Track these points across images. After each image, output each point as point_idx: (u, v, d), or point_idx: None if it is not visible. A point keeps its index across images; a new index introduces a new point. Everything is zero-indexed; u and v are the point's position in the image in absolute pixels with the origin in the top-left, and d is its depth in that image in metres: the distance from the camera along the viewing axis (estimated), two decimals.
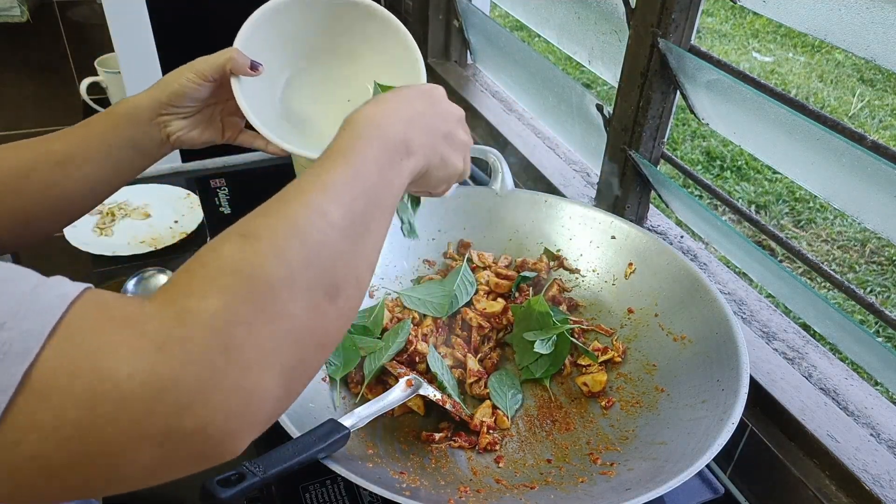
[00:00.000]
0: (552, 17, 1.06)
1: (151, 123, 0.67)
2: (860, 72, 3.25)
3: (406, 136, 0.50)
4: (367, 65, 0.79)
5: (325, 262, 0.41)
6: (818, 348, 0.80)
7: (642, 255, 0.84)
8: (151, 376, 0.34)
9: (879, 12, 0.59)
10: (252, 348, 0.37)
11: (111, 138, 0.65)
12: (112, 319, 0.35)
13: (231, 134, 0.74)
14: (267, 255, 0.39)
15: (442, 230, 0.91)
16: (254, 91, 0.70)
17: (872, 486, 0.64)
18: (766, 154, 0.76)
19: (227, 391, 0.36)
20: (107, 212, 1.18)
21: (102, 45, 1.41)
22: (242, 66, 0.67)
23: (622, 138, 0.92)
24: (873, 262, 2.25)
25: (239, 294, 0.37)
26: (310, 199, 0.43)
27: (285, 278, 0.39)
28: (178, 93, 0.66)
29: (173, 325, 0.35)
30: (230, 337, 0.36)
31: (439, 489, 0.64)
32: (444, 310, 0.81)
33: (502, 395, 0.76)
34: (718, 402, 0.65)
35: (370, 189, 0.46)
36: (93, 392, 0.33)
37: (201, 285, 0.38)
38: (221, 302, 0.37)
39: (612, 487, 0.63)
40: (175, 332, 0.35)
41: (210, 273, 0.38)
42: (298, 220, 0.42)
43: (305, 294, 0.40)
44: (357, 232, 0.44)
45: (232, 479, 0.53)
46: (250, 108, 0.68)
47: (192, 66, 0.67)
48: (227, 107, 0.72)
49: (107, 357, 0.34)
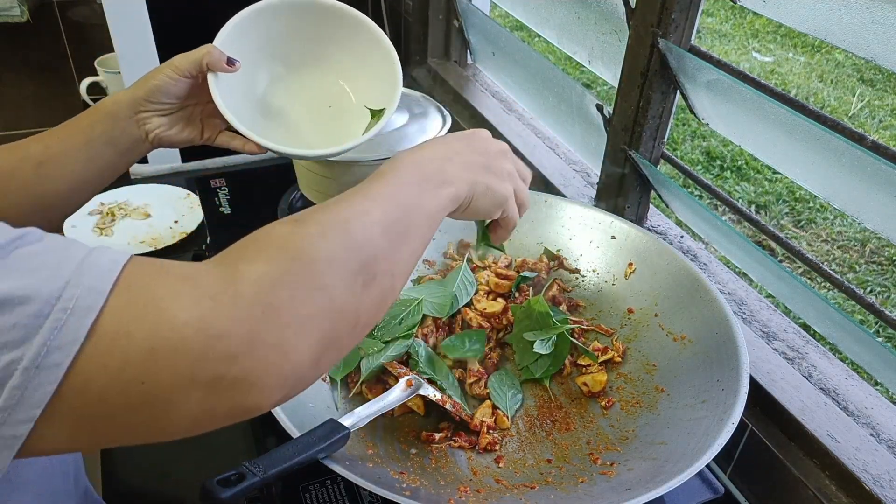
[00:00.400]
0: (552, 17, 1.06)
1: (130, 120, 0.67)
2: (860, 72, 3.25)
3: (442, 169, 0.54)
4: (345, 69, 0.80)
5: (364, 250, 0.45)
6: (818, 348, 0.80)
7: (642, 255, 0.84)
8: (206, 324, 0.37)
9: (879, 12, 0.59)
10: (292, 312, 0.41)
11: (90, 136, 0.66)
12: (168, 274, 0.39)
13: (210, 134, 0.75)
14: (313, 237, 0.44)
15: (442, 230, 0.91)
16: (231, 89, 0.70)
17: (872, 486, 0.64)
18: (766, 154, 0.76)
19: (268, 346, 0.39)
20: (107, 212, 1.18)
21: (102, 45, 1.41)
22: (219, 62, 0.68)
23: (622, 138, 0.92)
24: (873, 262, 2.25)
25: (283, 264, 0.42)
26: (353, 202, 0.48)
27: (326, 257, 0.43)
28: (157, 89, 0.67)
29: (225, 282, 0.39)
30: (274, 297, 0.40)
31: (439, 489, 0.64)
32: (444, 310, 0.81)
33: (502, 395, 0.76)
34: (718, 402, 0.65)
35: (407, 204, 0.50)
36: (154, 336, 0.36)
37: (252, 253, 0.42)
38: (268, 267, 0.41)
39: (612, 487, 0.63)
40: (226, 288, 0.39)
41: (260, 245, 0.43)
42: (342, 214, 0.47)
43: (343, 274, 0.44)
44: (395, 232, 0.48)
45: (232, 479, 0.53)
46: (224, 104, 0.68)
47: (169, 63, 0.68)
48: (208, 108, 0.72)
49: (167, 304, 0.37)
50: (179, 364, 0.37)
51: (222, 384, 0.38)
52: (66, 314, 0.34)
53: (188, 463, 0.75)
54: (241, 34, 0.73)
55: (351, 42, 0.79)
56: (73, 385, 0.35)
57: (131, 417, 0.37)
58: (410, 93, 0.98)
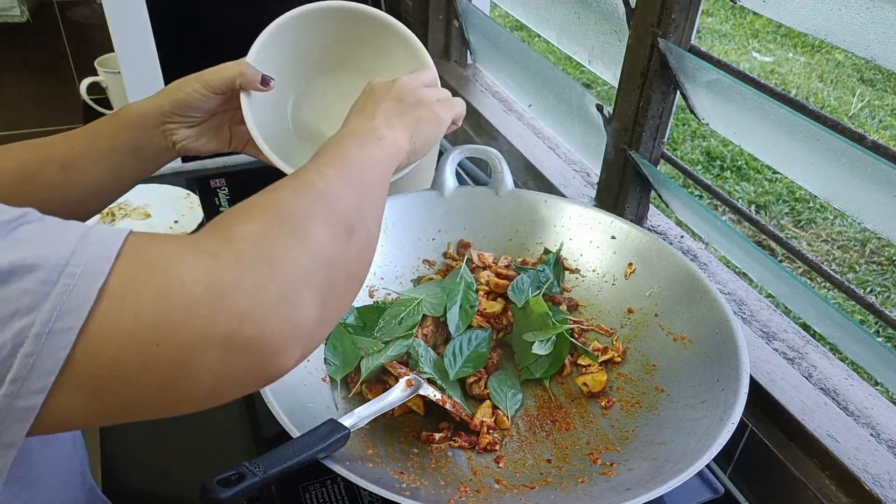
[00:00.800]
0: (552, 17, 1.06)
1: (157, 131, 0.66)
2: (860, 72, 3.25)
3: (373, 126, 0.59)
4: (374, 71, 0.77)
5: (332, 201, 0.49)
6: (818, 348, 0.80)
7: (642, 255, 0.84)
8: (213, 280, 0.38)
9: (879, 12, 0.59)
10: (290, 262, 0.42)
11: (114, 143, 0.65)
12: (168, 241, 0.40)
13: (238, 143, 0.73)
14: (287, 197, 0.47)
15: (442, 230, 0.91)
16: (263, 106, 0.68)
17: (872, 486, 0.64)
18: (766, 154, 0.76)
19: (275, 299, 0.40)
20: (107, 212, 1.18)
21: (102, 45, 1.41)
22: (253, 82, 0.66)
23: (622, 138, 0.92)
24: (873, 262, 2.25)
25: (271, 221, 0.44)
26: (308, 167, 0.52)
27: (305, 210, 0.46)
28: (184, 103, 0.66)
29: (224, 241, 0.41)
30: (271, 250, 0.42)
31: (439, 489, 0.64)
32: (444, 310, 0.81)
33: (502, 395, 0.76)
34: (718, 402, 0.65)
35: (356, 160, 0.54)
36: (164, 295, 0.37)
37: (240, 217, 0.44)
38: (260, 225, 0.43)
39: (612, 487, 0.63)
40: (226, 246, 0.41)
41: (245, 210, 0.45)
42: (305, 176, 0.50)
43: (324, 224, 0.46)
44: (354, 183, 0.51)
45: (232, 479, 0.53)
46: (256, 126, 0.66)
47: (200, 78, 0.66)
48: (236, 115, 0.70)
49: (173, 263, 0.38)
50: (192, 322, 0.37)
51: (237, 342, 0.38)
52: (74, 279, 0.35)
53: (188, 463, 0.75)
54: (273, 48, 0.69)
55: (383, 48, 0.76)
56: (86, 349, 0.35)
57: (148, 382, 0.37)
58: None
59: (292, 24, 0.71)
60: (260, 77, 0.66)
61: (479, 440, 0.71)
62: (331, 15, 0.73)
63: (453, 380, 0.75)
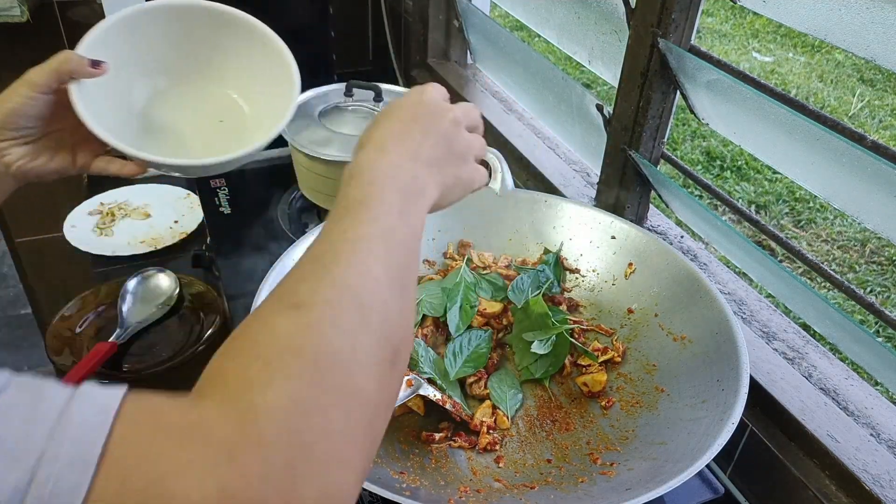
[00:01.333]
0: (552, 17, 1.06)
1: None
2: (860, 72, 3.25)
3: (415, 174, 0.46)
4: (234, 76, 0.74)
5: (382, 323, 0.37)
6: (818, 348, 0.80)
7: (642, 255, 0.84)
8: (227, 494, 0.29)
9: (879, 12, 0.59)
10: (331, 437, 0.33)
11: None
12: (168, 430, 0.30)
13: (84, 161, 0.66)
14: (326, 326, 0.35)
15: (442, 230, 0.91)
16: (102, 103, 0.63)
17: (872, 486, 0.64)
18: (766, 154, 0.76)
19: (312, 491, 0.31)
20: (107, 212, 1.19)
21: None
22: (80, 66, 0.59)
23: (622, 138, 0.92)
24: (873, 262, 2.25)
25: (305, 377, 0.33)
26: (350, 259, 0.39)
27: (350, 349, 0.35)
28: (13, 112, 0.59)
29: (240, 426, 0.31)
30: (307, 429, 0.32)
31: (439, 489, 0.64)
32: (444, 310, 0.81)
33: (502, 395, 0.76)
34: (718, 402, 0.65)
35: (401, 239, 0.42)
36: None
37: (261, 373, 0.33)
38: (287, 390, 0.32)
39: (612, 487, 0.63)
40: (244, 436, 0.30)
41: (265, 355, 0.34)
42: (348, 281, 0.38)
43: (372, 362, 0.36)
44: (401, 285, 0.41)
45: None
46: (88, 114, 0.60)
47: (23, 79, 0.59)
48: (78, 132, 0.62)
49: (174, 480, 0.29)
50: None
51: None
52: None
53: None
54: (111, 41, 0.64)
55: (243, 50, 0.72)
56: None
57: None
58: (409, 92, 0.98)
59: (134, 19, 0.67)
60: (87, 61, 0.60)
61: (479, 440, 0.71)
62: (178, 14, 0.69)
63: (453, 380, 0.75)
